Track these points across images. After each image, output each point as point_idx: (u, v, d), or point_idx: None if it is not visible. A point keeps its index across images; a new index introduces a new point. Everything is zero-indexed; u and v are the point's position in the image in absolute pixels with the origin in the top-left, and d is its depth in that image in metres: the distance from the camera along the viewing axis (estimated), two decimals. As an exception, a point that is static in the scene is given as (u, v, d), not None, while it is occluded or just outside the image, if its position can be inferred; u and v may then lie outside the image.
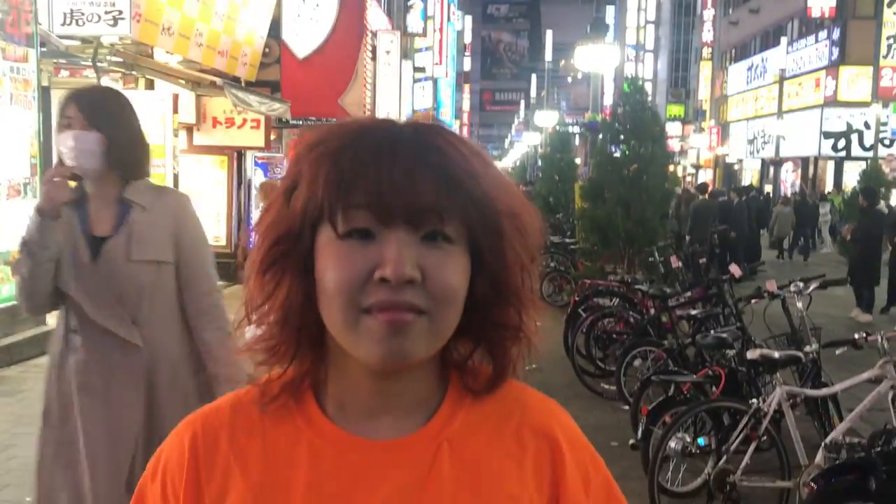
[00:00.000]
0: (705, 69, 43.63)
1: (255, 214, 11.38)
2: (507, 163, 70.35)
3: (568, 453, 0.91)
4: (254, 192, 12.90)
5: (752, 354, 4.39)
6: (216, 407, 0.91)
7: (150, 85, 10.53)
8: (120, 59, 9.09)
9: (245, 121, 11.75)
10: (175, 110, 10.47)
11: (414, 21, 28.58)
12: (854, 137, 27.61)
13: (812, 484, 3.43)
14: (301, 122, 14.53)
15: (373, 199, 0.79)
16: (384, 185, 0.79)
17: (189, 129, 11.84)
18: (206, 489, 0.86)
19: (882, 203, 12.22)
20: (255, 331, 0.88)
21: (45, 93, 8.31)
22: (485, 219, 0.83)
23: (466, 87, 66.53)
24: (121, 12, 7.90)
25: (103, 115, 2.29)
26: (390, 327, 0.79)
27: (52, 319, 8.07)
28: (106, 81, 9.43)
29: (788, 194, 24.96)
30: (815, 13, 27.52)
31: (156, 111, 9.88)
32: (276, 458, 0.86)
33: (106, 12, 7.92)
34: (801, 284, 5.48)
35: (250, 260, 0.86)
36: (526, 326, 0.88)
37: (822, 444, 4.09)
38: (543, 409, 0.94)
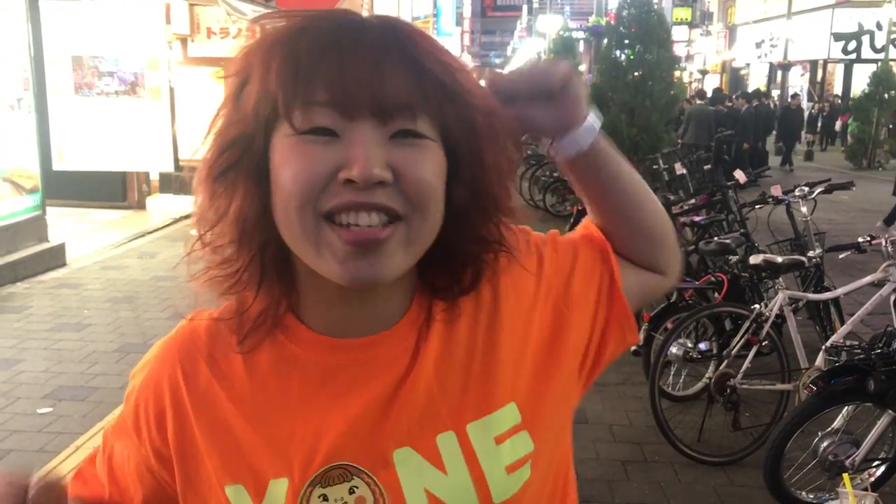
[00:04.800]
0: (714, -31, 42.24)
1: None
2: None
3: (503, 272, 0.85)
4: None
5: (754, 260, 4.37)
6: (193, 332, 0.85)
7: (140, -6, 10.22)
8: (108, -32, 8.80)
9: (240, 30, 11.44)
10: (167, 20, 10.21)
11: (412, -78, 27.56)
12: (865, 39, 26.93)
13: (812, 386, 3.45)
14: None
15: (335, 92, 0.69)
16: (348, 76, 0.69)
17: (183, 41, 11.58)
18: (197, 423, 0.81)
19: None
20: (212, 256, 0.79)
21: (33, 4, 8.08)
22: (461, 115, 0.74)
23: (467, -7, 64.71)
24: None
25: None
26: (357, 246, 0.71)
27: (53, 236, 8.12)
28: (95, -9, 9.17)
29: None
30: None
31: (147, 22, 9.64)
32: (263, 377, 0.81)
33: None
34: (805, 189, 5.43)
35: (197, 172, 0.76)
36: (506, 241, 0.82)
37: (823, 347, 4.11)
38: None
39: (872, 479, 3.50)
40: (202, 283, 0.79)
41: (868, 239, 4.32)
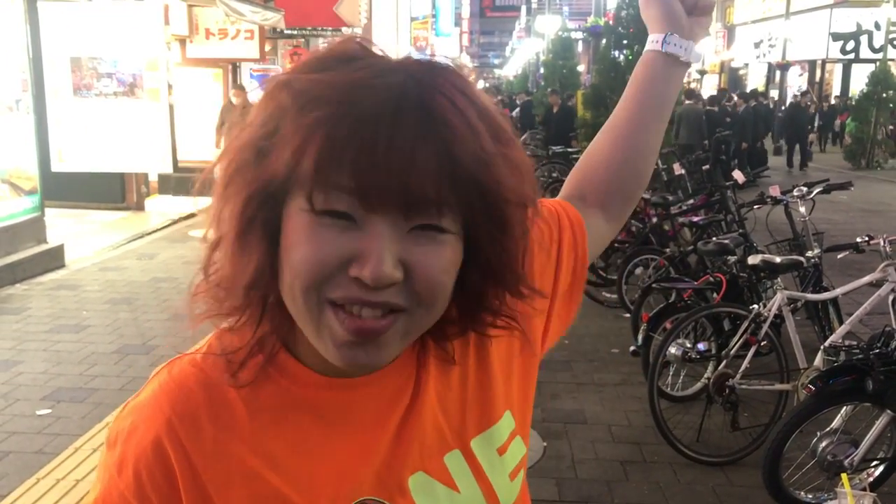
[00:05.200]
0: (712, -31, 42.22)
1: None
2: (508, 71, 69.14)
3: None
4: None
5: (753, 260, 4.37)
6: (181, 386, 0.78)
7: (139, -5, 10.24)
8: (106, -31, 8.80)
9: (238, 31, 11.48)
10: (166, 21, 10.22)
11: (410, -77, 27.57)
12: (863, 39, 26.95)
13: (810, 385, 3.45)
14: (296, 32, 14.20)
15: (361, 181, 0.65)
16: (379, 167, 0.65)
17: (182, 42, 11.59)
18: (210, 483, 0.76)
19: None
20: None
21: (31, 6, 8.08)
22: (489, 210, 0.70)
23: (466, -7, 64.77)
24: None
25: None
26: (357, 336, 0.70)
27: (52, 237, 8.10)
28: (93, -8, 9.17)
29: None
30: None
31: (146, 23, 9.65)
32: (273, 424, 0.78)
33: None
34: (804, 189, 5.43)
35: (216, 220, 0.73)
36: (516, 315, 0.80)
37: (821, 347, 4.11)
38: None
39: (871, 478, 3.50)
40: (206, 319, 0.77)
41: (866, 239, 4.33)
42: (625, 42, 10.23)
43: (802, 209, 5.36)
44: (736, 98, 18.30)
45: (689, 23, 1.08)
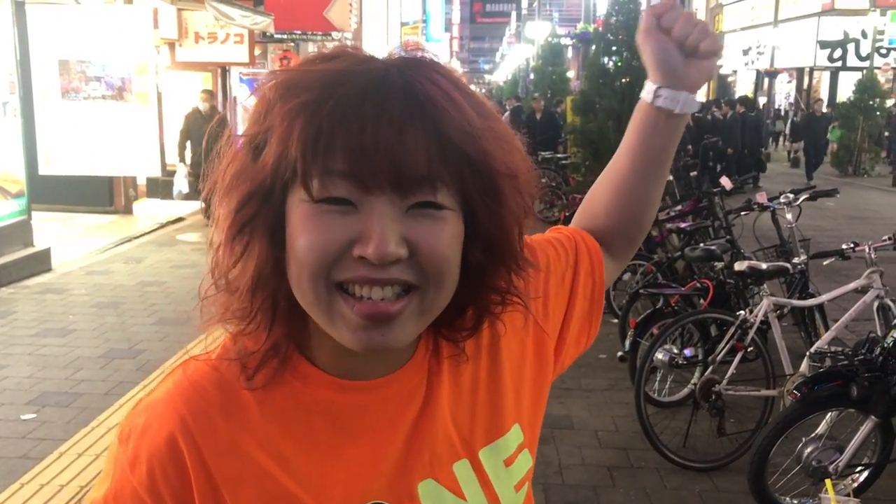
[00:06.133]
0: (701, -23, 42.46)
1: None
2: (498, 77, 69.29)
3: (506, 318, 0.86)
4: (239, 109, 12.69)
5: (739, 266, 4.40)
6: (196, 385, 0.79)
7: (128, -2, 10.22)
8: (95, -28, 8.77)
9: (228, 35, 11.46)
10: (155, 25, 10.20)
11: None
12: (850, 47, 27.15)
13: (795, 392, 3.47)
14: (286, 36, 14.19)
15: (354, 164, 0.67)
16: (368, 148, 0.67)
17: (171, 45, 11.56)
18: (222, 481, 0.76)
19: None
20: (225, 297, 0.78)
21: (19, 8, 8.05)
22: (482, 182, 0.73)
23: (456, -1, 64.92)
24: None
25: None
26: (370, 320, 0.71)
27: (39, 241, 8.05)
28: (82, -5, 9.14)
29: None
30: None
31: (135, 26, 9.62)
32: (285, 425, 0.78)
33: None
34: (790, 196, 5.46)
35: (218, 223, 0.75)
36: (516, 290, 0.82)
37: (807, 353, 4.14)
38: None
39: (855, 484, 3.52)
40: (215, 323, 0.78)
41: (852, 246, 4.36)
42: (614, 48, 10.24)
43: (789, 216, 5.39)
44: (723, 105, 18.38)
45: (686, 70, 0.97)
